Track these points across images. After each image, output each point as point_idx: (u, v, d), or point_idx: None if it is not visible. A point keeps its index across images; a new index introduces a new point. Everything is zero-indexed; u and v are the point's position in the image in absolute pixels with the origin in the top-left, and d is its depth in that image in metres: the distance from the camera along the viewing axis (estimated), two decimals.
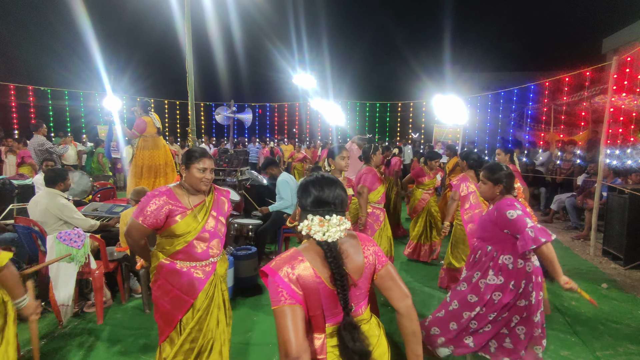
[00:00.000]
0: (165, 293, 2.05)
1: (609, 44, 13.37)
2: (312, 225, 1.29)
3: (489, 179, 2.32)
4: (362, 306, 1.37)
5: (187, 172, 2.07)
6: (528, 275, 2.26)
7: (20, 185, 5.32)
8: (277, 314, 1.19)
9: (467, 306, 2.33)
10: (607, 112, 5.10)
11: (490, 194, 2.34)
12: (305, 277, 1.23)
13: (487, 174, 2.34)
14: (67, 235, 3.09)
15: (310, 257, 1.27)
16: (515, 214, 2.15)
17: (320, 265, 1.26)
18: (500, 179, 2.30)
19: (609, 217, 5.17)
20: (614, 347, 2.99)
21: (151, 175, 5.14)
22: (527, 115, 12.61)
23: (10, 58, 15.10)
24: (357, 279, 1.33)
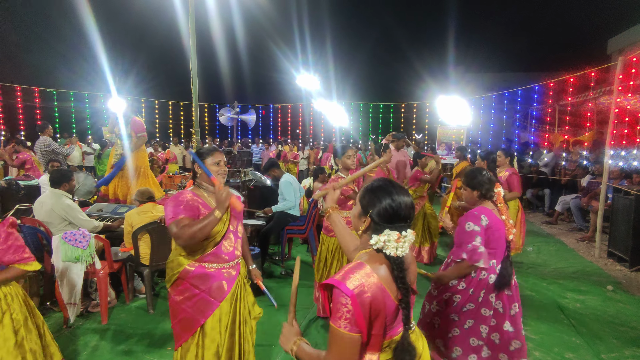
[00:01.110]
0: (188, 298, 1.99)
1: (614, 44, 13.27)
2: (388, 242, 1.20)
3: (468, 184, 2.29)
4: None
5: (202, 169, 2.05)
6: (489, 287, 2.15)
7: (26, 186, 5.37)
8: (335, 335, 1.14)
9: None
10: (613, 112, 5.07)
11: (470, 200, 2.31)
12: (375, 296, 1.15)
13: (465, 179, 2.30)
14: (72, 235, 3.12)
15: (376, 270, 1.20)
16: (472, 227, 2.14)
17: (387, 280, 1.20)
18: (477, 184, 2.25)
19: (614, 219, 5.13)
20: (619, 350, 2.97)
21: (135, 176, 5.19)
22: (532, 116, 12.54)
23: (16, 60, 15.25)
24: (413, 286, 1.30)
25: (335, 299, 1.15)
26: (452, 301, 2.20)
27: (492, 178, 2.28)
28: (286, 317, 3.18)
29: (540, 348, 2.97)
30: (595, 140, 8.94)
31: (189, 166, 12.02)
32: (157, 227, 3.48)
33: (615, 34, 13.24)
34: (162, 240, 3.57)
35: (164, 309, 3.57)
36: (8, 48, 15.27)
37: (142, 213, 3.56)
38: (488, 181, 2.25)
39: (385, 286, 1.18)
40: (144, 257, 3.50)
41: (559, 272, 4.66)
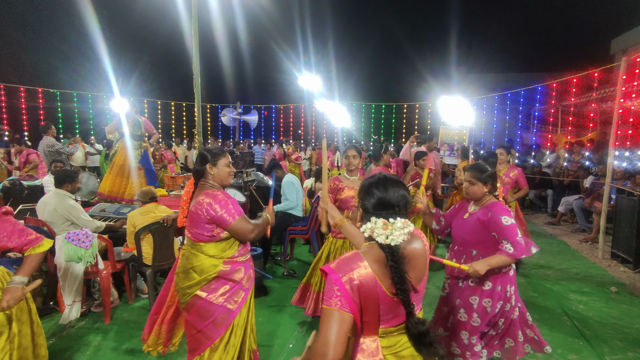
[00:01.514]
0: (224, 293, 2.09)
1: (617, 44, 13.22)
2: (375, 228, 1.24)
3: (479, 179, 2.25)
4: (418, 310, 1.34)
5: (215, 169, 2.13)
6: (512, 280, 2.27)
7: (30, 186, 5.39)
8: (325, 314, 1.15)
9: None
10: (616, 113, 5.05)
11: (479, 195, 2.27)
12: (366, 285, 1.18)
13: (476, 174, 2.26)
14: (75, 235, 3.13)
15: (371, 261, 1.23)
16: (510, 220, 2.13)
17: (380, 271, 1.22)
18: (488, 178, 2.25)
19: (617, 220, 5.11)
20: (623, 352, 2.95)
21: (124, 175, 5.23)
22: (534, 116, 12.51)
23: (20, 60, 15.33)
24: (418, 284, 1.30)
25: (327, 284, 1.20)
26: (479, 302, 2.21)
27: (495, 173, 2.34)
28: (288, 319, 3.18)
29: None
30: (599, 140, 8.90)
31: (191, 166, 12.05)
32: (160, 228, 3.49)
33: (618, 34, 13.18)
34: (165, 241, 3.58)
35: None
36: (11, 48, 15.35)
37: (144, 213, 3.57)
38: (495, 176, 2.30)
39: (378, 278, 1.20)
40: (147, 257, 3.51)
41: (562, 273, 4.64)
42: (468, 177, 2.29)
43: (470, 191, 2.30)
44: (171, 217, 3.54)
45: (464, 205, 2.44)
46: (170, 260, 3.66)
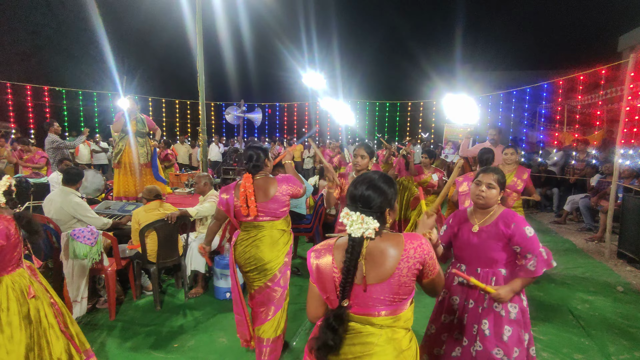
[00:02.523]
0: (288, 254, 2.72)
1: (625, 41, 13.05)
2: (342, 217, 1.36)
3: (499, 182, 1.99)
4: (379, 310, 1.33)
5: (269, 162, 2.60)
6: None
7: (36, 184, 5.44)
8: (309, 286, 1.46)
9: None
10: (624, 111, 4.99)
11: (493, 202, 1.99)
12: (323, 267, 1.38)
13: (497, 177, 1.99)
14: (80, 232, 3.15)
15: (338, 247, 1.38)
16: (533, 231, 1.91)
17: (341, 257, 1.33)
18: (505, 184, 2.04)
19: (624, 219, 5.06)
20: (629, 351, 2.93)
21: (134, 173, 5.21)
22: (540, 114, 12.40)
23: (26, 59, 15.44)
24: (373, 283, 1.32)
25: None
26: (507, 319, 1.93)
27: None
28: (292, 316, 3.18)
29: (549, 349, 2.94)
30: (605, 139, 8.81)
31: (195, 164, 12.09)
32: (164, 225, 3.51)
33: (626, 30, 13.01)
34: (169, 238, 3.59)
35: (170, 306, 3.60)
36: (18, 48, 15.46)
37: (149, 211, 3.59)
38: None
39: (335, 261, 1.36)
40: (151, 255, 3.53)
41: (567, 272, 4.60)
42: (487, 180, 1.98)
43: (488, 196, 1.97)
44: (175, 215, 3.55)
45: (460, 217, 2.10)
46: (174, 257, 3.68)
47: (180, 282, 3.97)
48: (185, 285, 3.77)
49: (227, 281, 3.71)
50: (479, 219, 2.01)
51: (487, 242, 1.95)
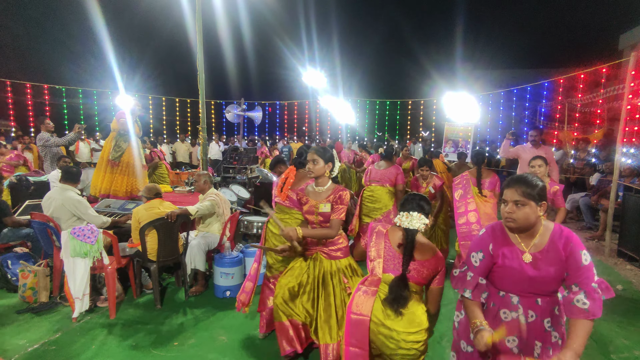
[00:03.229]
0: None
1: (625, 40, 13.04)
2: (401, 217, 2.01)
3: (531, 195, 1.52)
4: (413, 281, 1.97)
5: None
6: None
7: (36, 182, 5.44)
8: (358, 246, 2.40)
9: None
10: (624, 109, 4.98)
11: (532, 221, 1.54)
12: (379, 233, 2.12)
13: (526, 189, 1.52)
14: (81, 231, 3.15)
15: (392, 230, 2.09)
16: (589, 258, 1.50)
17: (396, 239, 2.04)
18: (542, 193, 1.54)
19: (624, 217, 5.06)
20: (629, 350, 2.93)
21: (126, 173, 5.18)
22: (541, 113, 12.40)
23: (26, 57, 15.43)
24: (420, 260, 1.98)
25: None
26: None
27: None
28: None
29: None
30: (606, 137, 8.80)
31: (195, 163, 12.09)
32: (164, 223, 3.51)
33: (627, 29, 13.01)
34: (169, 237, 3.59)
35: (171, 304, 3.61)
36: (17, 45, 15.45)
37: (149, 209, 3.59)
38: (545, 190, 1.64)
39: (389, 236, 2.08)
40: (151, 253, 3.53)
41: None
42: (513, 196, 1.54)
43: (519, 217, 1.53)
44: (175, 213, 3.55)
45: (499, 238, 1.62)
46: (174, 255, 3.68)
47: (180, 281, 3.98)
48: (186, 284, 3.78)
49: (227, 279, 3.71)
50: (527, 243, 1.56)
51: (547, 271, 1.51)
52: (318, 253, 2.51)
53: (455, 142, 10.26)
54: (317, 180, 2.51)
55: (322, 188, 2.48)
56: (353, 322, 1.92)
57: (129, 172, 5.16)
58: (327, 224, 2.44)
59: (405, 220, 1.97)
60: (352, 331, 1.91)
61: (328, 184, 2.50)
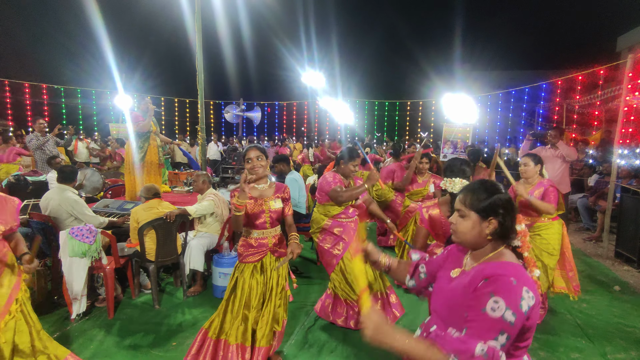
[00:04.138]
0: (328, 242, 3.09)
1: (623, 42, 13.11)
2: (446, 183, 2.22)
3: (473, 207, 1.26)
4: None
5: (345, 165, 3.04)
6: None
7: (34, 181, 5.43)
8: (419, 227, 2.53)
9: None
10: (622, 111, 5.01)
11: (473, 237, 1.27)
12: (434, 216, 2.42)
13: (471, 198, 1.28)
14: (79, 231, 3.15)
15: (442, 203, 2.39)
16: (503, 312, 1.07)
17: (446, 209, 2.34)
18: (493, 209, 1.24)
19: (622, 219, 5.08)
20: (626, 351, 2.94)
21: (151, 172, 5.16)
22: (539, 114, 12.44)
23: (24, 57, 15.39)
24: None
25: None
26: None
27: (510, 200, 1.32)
28: (290, 315, 3.16)
29: (546, 348, 2.95)
30: (603, 139, 8.84)
31: None
32: (163, 224, 3.51)
33: (624, 31, 13.07)
34: (168, 237, 3.59)
35: (169, 305, 3.61)
36: (16, 45, 15.41)
37: (148, 209, 3.58)
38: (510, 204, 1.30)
39: (442, 213, 2.38)
40: (150, 253, 3.53)
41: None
42: (457, 205, 1.32)
43: (458, 230, 1.30)
44: (174, 213, 3.55)
45: (455, 252, 1.42)
46: (173, 256, 3.68)
47: (179, 281, 3.97)
48: (184, 284, 3.78)
49: (226, 280, 3.71)
50: (467, 262, 1.32)
51: (453, 293, 1.27)
52: (269, 253, 2.49)
53: (454, 143, 10.28)
54: (259, 179, 2.46)
55: (264, 185, 2.47)
56: None
57: (154, 170, 5.15)
58: (276, 222, 2.49)
59: (449, 185, 2.17)
60: None
61: (269, 181, 2.52)
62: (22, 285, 2.12)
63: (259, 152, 2.40)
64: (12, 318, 2.01)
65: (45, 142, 6.22)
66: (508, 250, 1.26)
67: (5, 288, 2.02)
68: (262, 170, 2.42)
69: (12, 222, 2.09)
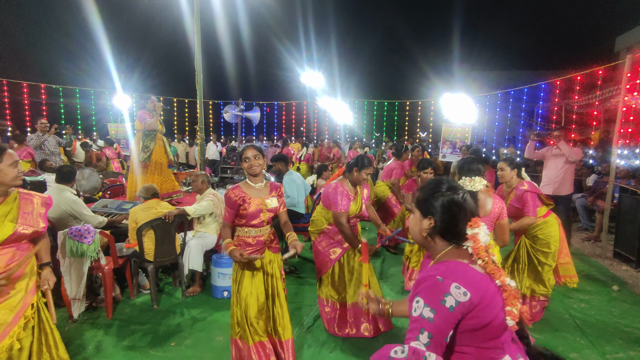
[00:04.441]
0: (326, 245, 3.08)
1: (622, 42, 13.12)
2: (465, 182, 2.24)
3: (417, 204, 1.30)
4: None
5: (358, 173, 2.96)
6: None
7: (33, 181, 5.41)
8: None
9: None
10: (620, 111, 5.02)
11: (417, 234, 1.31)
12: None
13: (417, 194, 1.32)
14: (77, 231, 3.14)
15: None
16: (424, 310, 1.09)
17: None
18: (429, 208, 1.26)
19: (620, 219, 5.09)
20: (624, 350, 2.95)
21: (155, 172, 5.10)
22: (538, 114, 12.46)
23: (23, 56, 15.36)
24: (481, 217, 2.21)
25: None
26: None
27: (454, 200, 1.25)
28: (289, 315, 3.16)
29: None
30: (602, 139, 8.86)
31: (192, 163, 12.06)
32: (162, 224, 3.50)
33: (623, 31, 13.09)
34: (166, 237, 3.58)
35: (168, 305, 3.60)
36: (15, 44, 15.38)
37: (146, 209, 3.58)
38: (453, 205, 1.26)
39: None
40: (148, 253, 3.52)
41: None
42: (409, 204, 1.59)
43: (409, 226, 1.36)
44: (173, 213, 3.55)
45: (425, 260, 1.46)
46: (172, 256, 3.67)
47: (177, 281, 3.97)
48: (183, 284, 3.77)
49: (225, 280, 3.71)
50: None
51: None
52: (267, 250, 2.52)
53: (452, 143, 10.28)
54: (256, 178, 2.47)
55: (261, 185, 2.50)
56: None
57: (161, 171, 5.09)
58: (271, 220, 2.52)
59: (469, 184, 2.22)
60: None
61: (264, 180, 2.55)
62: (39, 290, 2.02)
63: (256, 152, 2.42)
64: (27, 323, 1.92)
65: (42, 141, 6.21)
66: (459, 250, 1.24)
67: (21, 292, 1.91)
68: (260, 169, 2.44)
69: (39, 225, 1.98)
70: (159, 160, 5.07)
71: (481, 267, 1.19)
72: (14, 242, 1.87)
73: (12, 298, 1.87)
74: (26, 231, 1.90)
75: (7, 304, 1.85)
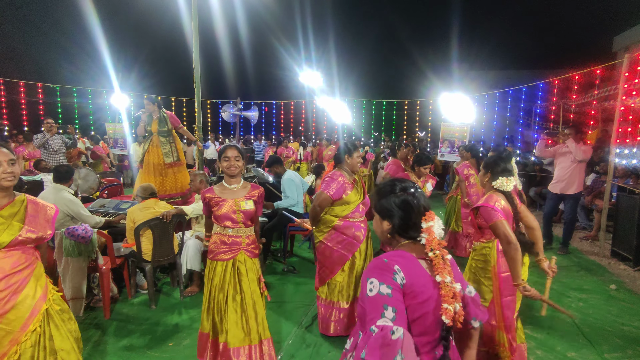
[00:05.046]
0: (338, 242, 2.93)
1: (620, 41, 13.16)
2: (502, 182, 2.29)
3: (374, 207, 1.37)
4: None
5: (350, 159, 2.95)
6: None
7: (29, 181, 5.38)
8: (497, 225, 2.13)
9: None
10: (618, 110, 5.03)
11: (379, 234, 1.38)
12: (506, 208, 2.26)
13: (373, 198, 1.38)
14: (74, 231, 3.12)
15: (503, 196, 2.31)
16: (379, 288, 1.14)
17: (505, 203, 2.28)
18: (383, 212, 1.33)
19: (618, 218, 5.10)
20: (622, 349, 2.95)
21: (157, 173, 5.07)
22: (536, 114, 12.47)
23: (20, 55, 15.29)
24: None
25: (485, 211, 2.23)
26: None
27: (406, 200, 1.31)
28: (288, 315, 3.16)
29: (543, 347, 2.96)
30: (600, 138, 8.88)
31: (190, 162, 12.03)
32: (159, 223, 3.49)
33: (621, 31, 13.13)
34: (164, 237, 3.57)
35: (165, 305, 3.59)
36: (11, 44, 15.30)
37: (144, 209, 3.56)
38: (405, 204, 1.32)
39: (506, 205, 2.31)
40: (146, 253, 3.51)
41: (561, 270, 4.63)
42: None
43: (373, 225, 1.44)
44: (171, 213, 3.53)
45: None
46: (169, 256, 3.66)
47: (175, 281, 3.95)
48: (181, 284, 3.76)
49: None
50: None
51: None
52: (242, 252, 2.47)
53: (451, 142, 10.28)
54: (233, 179, 2.48)
55: (236, 186, 2.49)
56: (504, 279, 2.32)
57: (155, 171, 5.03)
58: (249, 222, 2.48)
59: (506, 184, 2.28)
60: (505, 286, 2.33)
61: (242, 182, 2.54)
62: (50, 295, 1.93)
63: (237, 153, 2.44)
64: (34, 332, 1.82)
65: (45, 141, 6.24)
66: (415, 245, 1.29)
67: (30, 299, 1.83)
68: (238, 170, 2.46)
69: (45, 231, 1.96)
70: (152, 161, 5.03)
71: (427, 263, 1.25)
72: (19, 245, 1.85)
73: (19, 305, 1.80)
74: (32, 235, 1.88)
75: (14, 312, 1.78)
